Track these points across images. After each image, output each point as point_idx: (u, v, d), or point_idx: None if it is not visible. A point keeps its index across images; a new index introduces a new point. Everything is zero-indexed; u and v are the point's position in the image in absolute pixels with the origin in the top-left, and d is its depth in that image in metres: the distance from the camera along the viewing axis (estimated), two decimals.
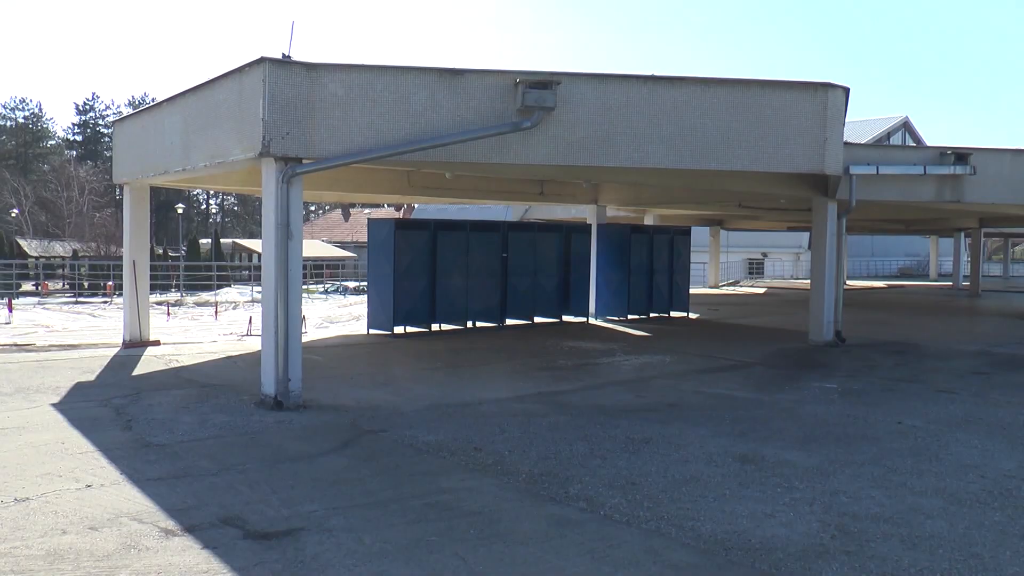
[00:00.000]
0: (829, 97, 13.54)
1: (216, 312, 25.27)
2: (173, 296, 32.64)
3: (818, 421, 9.72)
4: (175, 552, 5.41)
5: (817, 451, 8.28)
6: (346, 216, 76.00)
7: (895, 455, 8.17)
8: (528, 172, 14.67)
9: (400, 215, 55.44)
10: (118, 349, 15.16)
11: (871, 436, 8.98)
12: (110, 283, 33.17)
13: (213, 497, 6.55)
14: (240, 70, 10.27)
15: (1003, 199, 19.07)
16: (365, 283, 28.24)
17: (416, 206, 53.76)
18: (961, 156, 17.14)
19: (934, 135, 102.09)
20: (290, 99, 9.81)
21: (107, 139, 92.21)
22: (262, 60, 9.74)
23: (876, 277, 54.18)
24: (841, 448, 8.41)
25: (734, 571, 5.29)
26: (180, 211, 65.74)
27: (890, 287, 42.28)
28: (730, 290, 38.42)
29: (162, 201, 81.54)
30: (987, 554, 5.62)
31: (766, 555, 5.53)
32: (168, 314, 24.06)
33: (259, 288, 30.07)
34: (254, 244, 57.62)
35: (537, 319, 20.30)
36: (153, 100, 55.79)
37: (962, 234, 40.48)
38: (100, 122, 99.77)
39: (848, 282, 40.50)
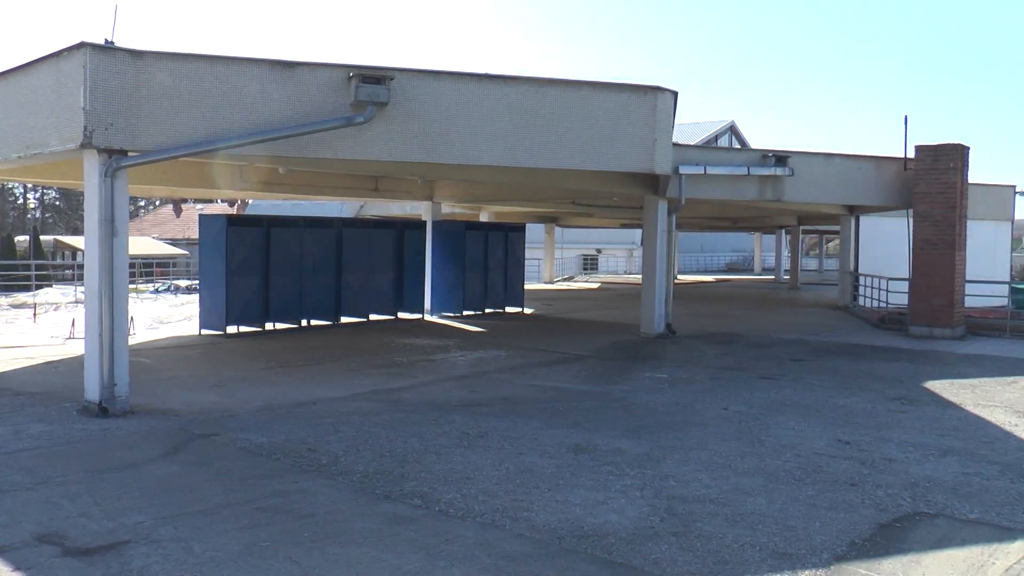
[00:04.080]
0: (658, 100, 14.04)
1: (35, 314, 23.78)
2: None
3: (649, 410, 10.09)
4: None
5: (648, 438, 8.59)
6: (177, 212, 72.99)
7: (721, 439, 8.59)
8: (363, 168, 14.52)
9: (234, 211, 53.76)
10: None
11: (699, 422, 9.40)
12: None
13: (28, 514, 6.17)
14: (58, 55, 9.70)
15: (817, 198, 20.38)
16: (197, 282, 27.25)
17: (250, 202, 52.27)
18: (781, 158, 18.13)
19: (758, 139, 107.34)
20: (114, 88, 9.35)
21: None
22: (82, 45, 9.24)
23: (705, 272, 56.51)
24: (670, 435, 8.76)
25: (567, 559, 5.42)
26: None
27: (718, 281, 44.33)
28: (565, 286, 39.28)
29: None
30: (800, 526, 6.01)
31: (598, 540, 5.70)
32: None
33: (83, 288, 28.51)
34: (77, 241, 54.46)
35: (373, 316, 20.16)
36: None
37: (783, 231, 42.98)
38: None
39: (679, 277, 42.18)
